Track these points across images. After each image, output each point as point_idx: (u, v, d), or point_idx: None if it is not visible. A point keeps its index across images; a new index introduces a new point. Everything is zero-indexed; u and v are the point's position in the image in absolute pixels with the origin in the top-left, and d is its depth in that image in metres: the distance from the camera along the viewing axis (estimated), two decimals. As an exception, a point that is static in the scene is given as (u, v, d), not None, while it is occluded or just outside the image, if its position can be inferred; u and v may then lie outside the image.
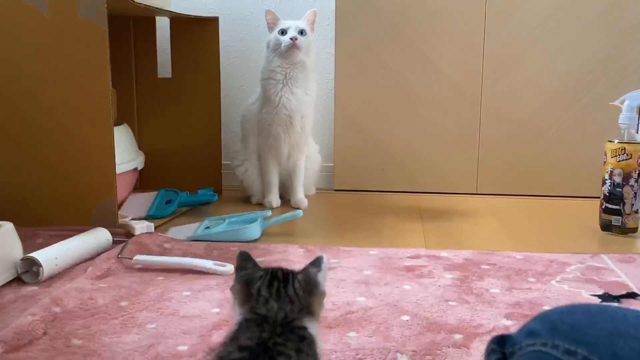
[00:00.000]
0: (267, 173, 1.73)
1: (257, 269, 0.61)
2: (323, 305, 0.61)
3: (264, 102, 1.69)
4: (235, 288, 0.60)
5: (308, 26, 1.65)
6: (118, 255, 1.18)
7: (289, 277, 0.59)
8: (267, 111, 1.67)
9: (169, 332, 0.87)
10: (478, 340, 0.84)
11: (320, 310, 0.60)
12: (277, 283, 0.58)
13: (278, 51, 1.63)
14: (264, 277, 0.59)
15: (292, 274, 0.60)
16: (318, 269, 0.61)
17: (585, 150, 1.85)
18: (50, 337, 0.85)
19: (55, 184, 1.38)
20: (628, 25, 1.79)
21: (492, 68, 1.85)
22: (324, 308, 0.61)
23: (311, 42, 1.65)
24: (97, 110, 1.35)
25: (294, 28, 1.62)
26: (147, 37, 1.87)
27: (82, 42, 1.33)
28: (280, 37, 1.62)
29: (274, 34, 1.64)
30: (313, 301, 0.59)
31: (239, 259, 0.62)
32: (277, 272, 0.60)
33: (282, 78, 1.65)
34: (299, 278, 0.59)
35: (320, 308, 0.60)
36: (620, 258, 1.23)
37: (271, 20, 1.65)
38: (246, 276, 0.60)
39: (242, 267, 0.61)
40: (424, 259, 1.22)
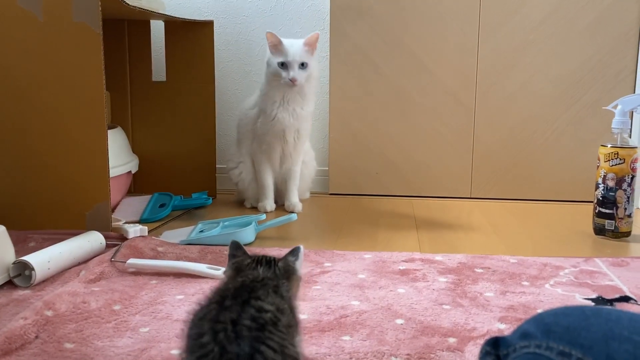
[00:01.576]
0: (261, 177, 1.72)
1: (246, 257, 0.70)
2: (299, 289, 0.72)
3: (260, 112, 1.68)
4: (227, 273, 0.69)
5: (309, 52, 1.60)
6: (111, 259, 1.17)
7: (271, 263, 0.69)
8: (263, 122, 1.67)
9: (162, 335, 0.86)
10: (472, 343, 0.84)
11: (296, 293, 0.71)
12: (260, 268, 0.68)
13: (277, 81, 1.60)
14: (251, 264, 0.68)
15: (273, 261, 0.69)
16: (295, 257, 0.71)
17: (579, 155, 1.86)
18: (42, 341, 0.84)
19: (48, 187, 1.38)
20: (621, 31, 1.80)
21: (486, 73, 1.86)
22: (299, 292, 0.72)
23: (312, 70, 1.62)
24: (91, 113, 1.34)
25: (296, 65, 1.57)
26: (142, 40, 1.87)
27: (77, 45, 1.32)
28: (280, 70, 1.58)
29: (274, 63, 1.59)
30: (291, 286, 0.68)
31: (231, 248, 0.72)
32: (262, 258, 0.69)
33: (279, 99, 1.64)
34: (279, 265, 0.69)
35: (296, 291, 0.71)
36: (613, 262, 1.23)
37: (272, 43, 1.59)
38: (236, 263, 0.69)
39: (233, 255, 0.71)
40: (418, 262, 1.22)
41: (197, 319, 0.57)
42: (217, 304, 0.57)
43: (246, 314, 0.55)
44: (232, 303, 0.56)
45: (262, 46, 2.02)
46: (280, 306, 0.59)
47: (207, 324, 0.54)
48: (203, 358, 0.52)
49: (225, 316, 0.54)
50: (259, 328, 0.54)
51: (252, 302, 0.57)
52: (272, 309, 0.57)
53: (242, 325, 0.53)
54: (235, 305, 0.56)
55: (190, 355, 0.53)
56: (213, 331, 0.53)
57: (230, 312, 0.55)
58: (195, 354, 0.52)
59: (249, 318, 0.54)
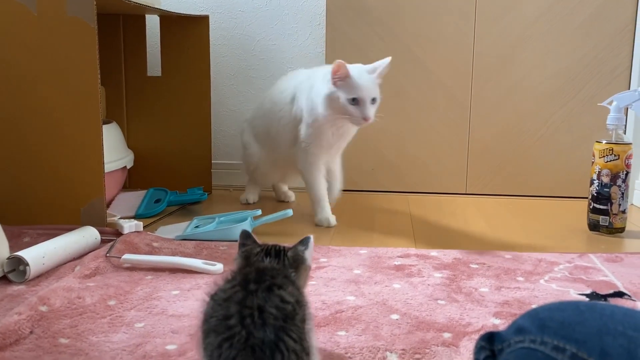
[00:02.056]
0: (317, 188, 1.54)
1: (256, 246, 0.71)
2: (307, 279, 0.73)
3: (307, 128, 1.48)
4: (237, 261, 0.71)
5: (378, 82, 1.41)
6: (106, 254, 1.17)
7: (281, 253, 0.70)
8: (308, 136, 1.49)
9: (157, 331, 0.86)
10: (467, 339, 0.84)
11: (305, 282, 0.71)
12: (269, 258, 0.69)
13: (343, 118, 1.40)
14: (260, 253, 0.69)
15: (283, 251, 0.70)
16: (305, 247, 0.72)
17: (574, 151, 1.86)
18: (37, 336, 0.84)
19: (43, 183, 1.37)
20: (616, 27, 1.80)
21: (481, 69, 1.86)
22: (307, 281, 0.73)
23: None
24: (86, 108, 1.34)
25: (368, 101, 1.36)
26: (137, 35, 1.86)
27: (71, 40, 1.32)
28: (350, 107, 1.36)
29: (343, 99, 1.36)
30: (298, 274, 0.69)
31: (241, 237, 0.73)
32: (271, 248, 0.70)
33: (335, 131, 1.47)
34: (289, 254, 0.70)
35: (305, 280, 0.72)
36: (607, 257, 1.24)
37: (340, 76, 1.36)
38: (246, 252, 0.71)
39: (243, 244, 0.72)
40: (413, 258, 1.22)
41: (220, 300, 0.58)
42: (240, 287, 0.58)
43: (272, 302, 0.56)
44: (256, 287, 0.58)
45: (257, 41, 2.02)
46: (298, 298, 0.60)
47: (234, 306, 0.56)
48: (230, 339, 0.53)
49: (252, 301, 0.56)
50: (284, 318, 0.56)
51: (276, 290, 0.58)
52: (293, 301, 0.58)
53: (268, 313, 0.55)
54: (260, 290, 0.57)
55: (215, 335, 0.55)
56: (240, 315, 0.55)
57: (256, 297, 0.56)
58: (221, 334, 0.54)
59: (274, 306, 0.56)
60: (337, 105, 1.38)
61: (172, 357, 0.78)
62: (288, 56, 2.01)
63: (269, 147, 1.65)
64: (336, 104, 1.38)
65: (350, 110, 1.37)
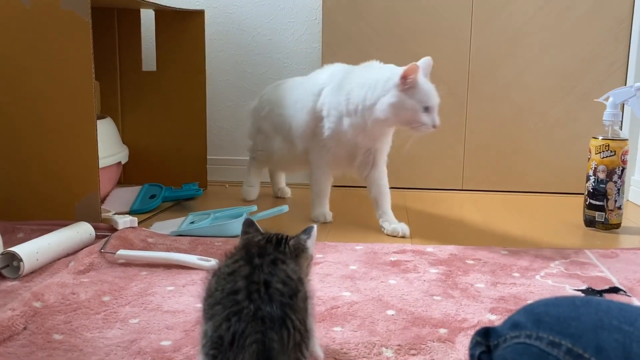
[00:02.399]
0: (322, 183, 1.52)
1: (257, 234, 0.71)
2: (310, 268, 0.72)
3: (333, 130, 1.41)
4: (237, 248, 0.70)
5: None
6: (101, 250, 1.16)
7: (282, 241, 0.69)
8: (331, 138, 1.43)
9: (152, 327, 0.86)
10: (463, 334, 0.84)
11: (306, 271, 0.71)
12: (270, 246, 0.68)
13: (406, 124, 1.32)
14: (260, 242, 0.69)
15: (285, 239, 0.70)
16: (308, 236, 0.72)
17: (570, 147, 1.86)
18: (31, 332, 0.83)
19: (37, 178, 1.36)
20: (613, 23, 1.80)
21: (478, 65, 1.86)
22: (310, 270, 0.73)
23: None
24: (80, 103, 1.33)
25: (437, 108, 1.31)
26: (132, 29, 1.85)
27: (65, 34, 1.30)
28: (423, 116, 1.29)
29: (417, 107, 1.28)
30: (299, 262, 0.69)
31: (244, 225, 0.74)
32: (272, 237, 0.70)
33: (367, 135, 1.40)
34: (290, 243, 0.70)
35: (307, 270, 0.71)
36: (603, 253, 1.24)
37: (412, 83, 1.28)
38: (247, 239, 0.71)
39: (245, 232, 0.73)
40: (409, 254, 1.22)
41: (225, 274, 0.59)
42: (245, 262, 0.59)
43: (277, 277, 0.57)
44: (261, 262, 0.59)
45: (253, 36, 2.01)
46: (300, 276, 0.61)
47: (242, 281, 0.57)
48: (238, 313, 0.54)
49: (258, 276, 0.57)
50: (290, 295, 0.57)
51: (280, 264, 0.60)
52: (296, 278, 0.59)
53: (274, 289, 0.56)
54: (265, 264, 0.58)
55: (222, 308, 0.56)
56: (248, 290, 0.56)
57: (262, 272, 0.57)
58: (229, 308, 0.55)
59: (280, 281, 0.57)
60: (406, 114, 1.29)
61: (167, 353, 0.78)
62: (284, 51, 2.01)
63: (284, 136, 1.58)
64: (405, 112, 1.29)
65: (423, 118, 1.29)
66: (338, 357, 0.77)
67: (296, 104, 1.52)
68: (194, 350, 0.78)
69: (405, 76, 1.28)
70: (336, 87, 1.41)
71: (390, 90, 1.29)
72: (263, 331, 0.53)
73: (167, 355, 0.77)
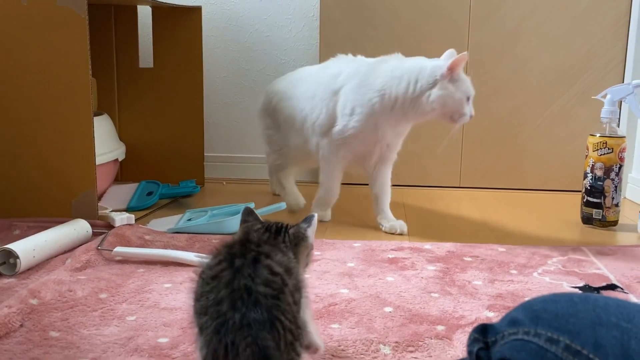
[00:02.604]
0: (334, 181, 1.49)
1: (257, 222, 0.70)
2: (310, 257, 0.71)
3: (358, 128, 1.36)
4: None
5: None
6: (98, 247, 1.16)
7: (281, 230, 0.68)
8: (354, 136, 1.38)
9: (149, 324, 0.86)
10: (460, 331, 0.84)
11: (305, 261, 0.70)
12: (268, 234, 0.67)
13: (450, 116, 1.31)
14: (259, 230, 0.68)
15: (284, 228, 0.69)
16: (308, 224, 0.71)
17: (568, 144, 1.86)
18: (27, 329, 0.83)
19: (33, 175, 1.36)
20: (611, 20, 1.80)
21: (476, 62, 1.86)
22: (310, 261, 0.72)
23: None
24: (77, 100, 1.32)
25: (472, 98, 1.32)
26: (129, 26, 1.84)
27: (61, 31, 1.30)
28: (465, 105, 1.30)
29: (462, 97, 1.29)
30: (299, 251, 0.68)
31: (243, 214, 0.72)
32: (271, 225, 0.69)
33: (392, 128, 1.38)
34: (290, 231, 0.69)
35: (306, 259, 0.70)
36: (600, 250, 1.24)
37: (458, 73, 1.29)
38: (245, 227, 0.70)
39: (244, 220, 0.71)
40: (407, 251, 1.22)
41: (208, 278, 0.57)
42: (227, 264, 0.57)
43: (259, 278, 0.56)
44: (242, 262, 0.57)
45: (251, 33, 2.00)
46: (288, 266, 0.60)
47: (224, 289, 0.55)
48: (224, 325, 0.53)
49: (239, 282, 0.55)
50: (274, 296, 0.55)
51: (263, 260, 0.58)
52: (282, 272, 0.58)
53: (257, 293, 0.55)
54: (246, 266, 0.56)
55: (210, 319, 0.54)
56: (231, 299, 0.54)
57: (243, 276, 0.55)
58: (215, 320, 0.54)
59: (262, 283, 0.55)
60: (454, 105, 1.29)
61: (164, 350, 0.78)
62: (282, 48, 2.00)
63: (297, 130, 1.51)
64: (453, 103, 1.29)
65: (466, 109, 1.30)
66: (336, 354, 0.77)
67: (312, 99, 1.45)
68: (192, 347, 0.78)
69: (452, 67, 1.27)
70: (360, 84, 1.36)
71: (439, 81, 1.28)
72: (252, 334, 0.53)
73: (165, 352, 0.77)
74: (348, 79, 1.40)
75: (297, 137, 1.53)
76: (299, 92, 1.50)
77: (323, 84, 1.44)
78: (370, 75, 1.37)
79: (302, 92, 1.49)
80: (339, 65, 1.46)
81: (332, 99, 1.41)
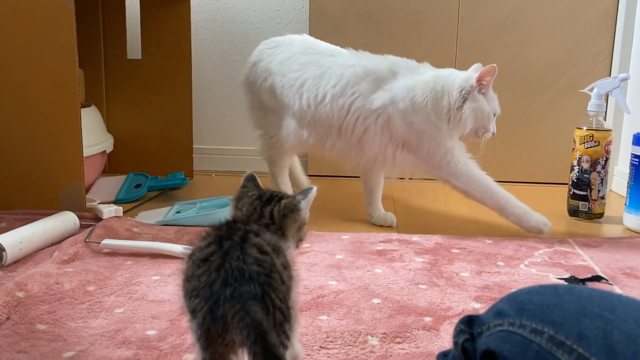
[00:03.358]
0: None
1: (252, 189, 0.67)
2: (302, 232, 0.67)
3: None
4: (231, 202, 0.68)
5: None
6: (85, 240, 1.15)
7: (273, 199, 0.65)
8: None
9: (137, 316, 0.86)
10: (447, 322, 0.85)
11: (297, 235, 0.66)
12: (258, 202, 0.65)
13: (475, 129, 1.30)
14: (252, 196, 0.66)
15: (277, 197, 0.65)
16: (304, 196, 0.66)
17: (555, 137, 1.88)
18: (14, 322, 0.83)
19: (20, 167, 1.34)
20: (598, 14, 1.81)
21: (464, 55, 1.86)
22: (303, 236, 0.68)
23: None
24: (64, 91, 1.31)
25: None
26: (116, 16, 1.82)
27: (48, 20, 1.28)
28: (492, 121, 1.29)
29: (490, 113, 1.27)
30: (287, 223, 0.64)
31: (244, 179, 0.69)
32: (264, 194, 0.66)
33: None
34: (282, 202, 0.65)
35: (297, 233, 0.66)
36: (586, 242, 1.25)
37: (488, 84, 1.27)
38: (240, 193, 0.67)
39: (243, 185, 0.69)
40: (395, 243, 1.22)
41: (198, 260, 0.56)
42: (216, 245, 0.56)
43: (250, 256, 0.55)
44: (230, 244, 0.56)
45: (240, 24, 1.99)
46: (276, 244, 0.59)
47: (214, 273, 0.54)
48: (216, 302, 0.53)
49: (230, 264, 0.54)
50: (267, 274, 0.55)
51: (252, 237, 0.57)
52: (270, 250, 0.57)
53: (250, 271, 0.54)
54: (234, 247, 0.55)
55: (202, 300, 0.54)
56: (223, 279, 0.53)
57: (232, 259, 0.54)
58: (208, 300, 0.53)
59: (254, 261, 0.55)
60: (483, 119, 1.26)
61: (152, 343, 0.78)
62: (271, 40, 1.99)
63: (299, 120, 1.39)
64: (482, 117, 1.26)
65: (491, 125, 1.27)
66: (324, 346, 0.77)
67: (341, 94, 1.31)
68: (180, 339, 0.78)
69: (480, 78, 1.25)
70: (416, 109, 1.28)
71: (474, 94, 1.25)
72: (242, 303, 0.51)
73: (153, 344, 0.77)
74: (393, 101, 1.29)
75: (298, 127, 1.39)
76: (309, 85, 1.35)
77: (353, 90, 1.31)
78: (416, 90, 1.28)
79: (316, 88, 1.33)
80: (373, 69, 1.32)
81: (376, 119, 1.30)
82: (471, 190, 1.30)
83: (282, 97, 1.40)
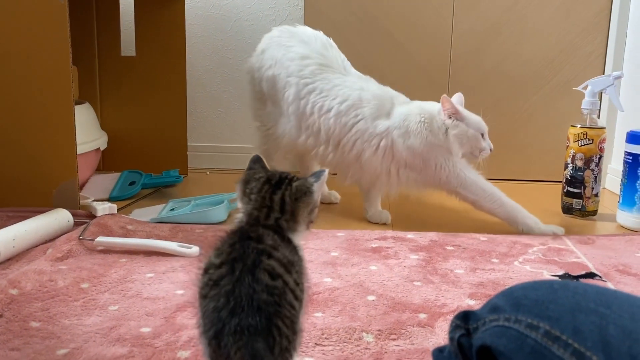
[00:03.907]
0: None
1: (260, 171, 0.63)
2: (313, 215, 0.63)
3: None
4: (237, 186, 0.63)
5: None
6: (79, 237, 1.15)
7: (283, 182, 0.61)
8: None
9: (131, 314, 0.85)
10: (442, 319, 0.85)
11: (308, 218, 0.62)
12: (267, 186, 0.61)
13: (469, 152, 1.34)
14: (260, 180, 0.61)
15: (287, 180, 0.61)
16: (316, 179, 0.62)
17: (549, 135, 1.88)
18: (7, 319, 0.82)
19: (14, 165, 1.33)
20: (592, 12, 1.82)
21: (459, 53, 1.86)
22: (314, 218, 0.63)
23: None
24: (57, 88, 1.30)
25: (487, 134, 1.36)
26: (110, 12, 1.81)
27: (41, 17, 1.27)
28: (482, 141, 1.33)
29: (477, 134, 1.33)
30: (299, 207, 0.61)
31: (250, 161, 0.65)
32: (273, 176, 0.62)
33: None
34: (293, 184, 0.61)
35: (308, 216, 0.62)
36: (580, 240, 1.26)
37: (451, 109, 1.32)
38: (247, 175, 0.63)
39: (250, 167, 0.64)
40: (390, 240, 1.22)
41: (212, 281, 0.55)
42: (228, 267, 0.54)
43: (261, 285, 0.53)
44: (242, 267, 0.54)
45: (234, 22, 1.99)
46: (290, 259, 0.57)
47: (223, 298, 0.53)
48: (222, 331, 0.52)
49: (239, 291, 0.53)
50: (276, 302, 0.53)
51: (265, 260, 0.55)
52: (282, 272, 0.55)
53: (259, 301, 0.53)
54: (245, 271, 0.54)
55: (210, 324, 0.53)
56: (231, 308, 0.52)
57: (243, 286, 0.53)
58: (215, 325, 0.53)
59: (264, 289, 0.53)
60: (471, 141, 1.33)
61: (147, 340, 0.77)
62: (265, 37, 1.98)
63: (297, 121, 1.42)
64: (470, 140, 1.32)
65: (483, 144, 1.34)
66: (319, 343, 0.77)
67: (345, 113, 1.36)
68: (174, 336, 0.78)
69: (444, 110, 1.32)
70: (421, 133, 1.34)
71: (449, 122, 1.32)
72: (246, 340, 0.51)
73: (147, 341, 0.77)
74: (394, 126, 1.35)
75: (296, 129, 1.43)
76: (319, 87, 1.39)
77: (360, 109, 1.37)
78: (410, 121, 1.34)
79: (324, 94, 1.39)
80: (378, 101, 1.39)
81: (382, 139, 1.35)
82: (480, 200, 1.34)
83: (284, 92, 1.42)
